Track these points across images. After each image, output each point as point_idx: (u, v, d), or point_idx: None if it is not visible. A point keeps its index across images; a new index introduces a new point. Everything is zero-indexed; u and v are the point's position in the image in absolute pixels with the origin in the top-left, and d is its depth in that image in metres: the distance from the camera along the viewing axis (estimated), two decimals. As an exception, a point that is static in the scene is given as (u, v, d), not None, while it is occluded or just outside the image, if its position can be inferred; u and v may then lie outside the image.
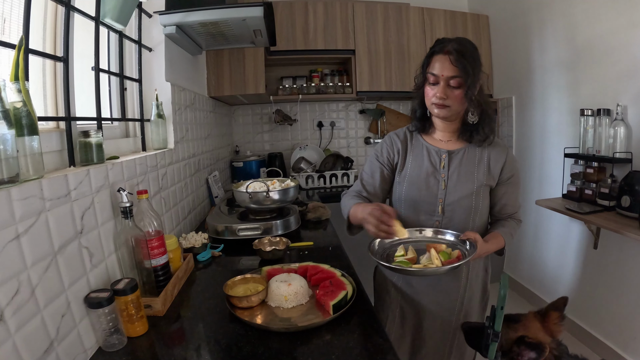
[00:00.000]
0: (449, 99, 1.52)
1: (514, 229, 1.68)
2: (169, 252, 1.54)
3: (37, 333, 0.94)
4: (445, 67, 1.50)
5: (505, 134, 4.10)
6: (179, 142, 2.23)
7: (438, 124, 1.68)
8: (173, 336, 1.27)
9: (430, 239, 1.59)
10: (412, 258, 1.46)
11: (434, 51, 1.56)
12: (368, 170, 1.77)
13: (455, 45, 1.50)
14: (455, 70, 1.49)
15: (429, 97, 1.57)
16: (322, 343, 1.17)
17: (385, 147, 1.76)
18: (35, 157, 1.02)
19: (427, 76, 1.56)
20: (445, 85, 1.51)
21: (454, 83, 1.50)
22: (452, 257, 1.43)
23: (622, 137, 2.63)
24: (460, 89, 1.51)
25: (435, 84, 1.54)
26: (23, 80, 1.00)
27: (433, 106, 1.57)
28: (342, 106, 4.49)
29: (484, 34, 4.18)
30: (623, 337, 2.77)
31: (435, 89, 1.54)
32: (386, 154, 1.74)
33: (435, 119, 1.68)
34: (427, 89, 1.58)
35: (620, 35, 2.64)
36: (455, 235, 1.54)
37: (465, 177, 1.62)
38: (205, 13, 2.01)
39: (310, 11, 3.73)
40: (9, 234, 0.87)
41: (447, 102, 1.53)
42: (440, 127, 1.68)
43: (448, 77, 1.50)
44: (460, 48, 1.49)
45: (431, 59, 1.56)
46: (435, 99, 1.54)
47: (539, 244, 3.68)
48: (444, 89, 1.51)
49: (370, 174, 1.75)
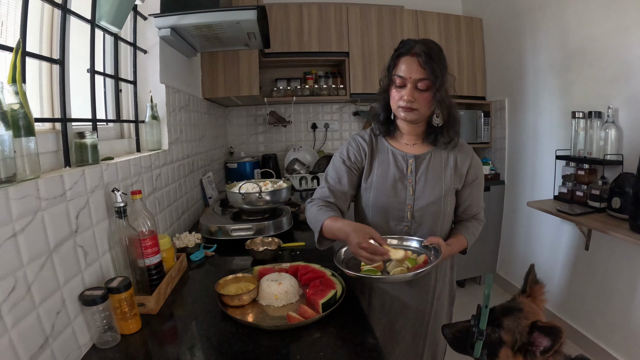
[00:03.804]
0: (417, 102, 1.49)
1: (476, 229, 1.71)
2: (162, 251, 1.56)
3: (32, 329, 0.96)
4: (413, 70, 1.46)
5: (498, 136, 4.13)
6: (173, 143, 2.25)
7: (403, 127, 1.65)
8: (166, 334, 1.29)
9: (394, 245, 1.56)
10: (378, 266, 1.45)
11: (400, 53, 1.51)
12: (334, 174, 1.67)
13: (422, 47, 1.46)
14: (423, 72, 1.45)
15: (395, 100, 1.53)
16: (312, 341, 1.19)
17: (352, 151, 1.68)
18: (32, 157, 1.04)
19: (394, 78, 1.51)
20: (413, 88, 1.47)
21: (422, 86, 1.47)
22: (419, 263, 1.44)
23: (613, 139, 2.67)
24: (428, 91, 1.48)
25: (402, 86, 1.50)
26: (20, 83, 1.02)
27: (400, 109, 1.53)
28: (336, 108, 4.52)
29: (478, 36, 4.21)
30: (614, 338, 2.79)
31: (401, 92, 1.50)
32: (353, 157, 1.67)
33: (400, 122, 1.64)
34: (392, 92, 1.54)
35: (612, 38, 2.69)
36: (419, 241, 1.55)
37: (433, 181, 1.61)
38: (199, 16, 2.03)
39: (305, 14, 3.76)
40: (6, 232, 0.89)
41: (414, 105, 1.49)
42: (405, 131, 1.65)
43: (416, 80, 1.46)
44: (428, 50, 1.45)
45: (397, 60, 1.52)
46: (402, 102, 1.50)
47: (530, 245, 3.72)
48: (411, 91, 1.47)
49: (337, 179, 1.66)
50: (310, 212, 1.59)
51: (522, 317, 1.23)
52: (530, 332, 1.19)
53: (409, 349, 1.75)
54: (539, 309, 1.31)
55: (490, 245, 4.15)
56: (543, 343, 1.16)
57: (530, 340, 1.19)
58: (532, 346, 1.18)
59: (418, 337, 1.74)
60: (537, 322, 1.19)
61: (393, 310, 1.71)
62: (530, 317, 1.23)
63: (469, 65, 4.19)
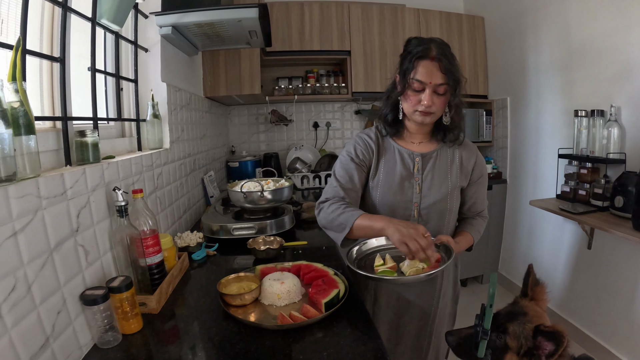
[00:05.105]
0: (434, 105, 1.48)
1: (481, 226, 1.72)
2: (164, 250, 1.55)
3: (33, 329, 0.96)
4: (433, 75, 1.44)
5: (500, 135, 4.12)
6: (174, 142, 2.24)
7: (412, 127, 1.64)
8: (167, 333, 1.28)
9: None
10: (392, 267, 1.45)
11: (419, 56, 1.46)
12: (343, 173, 1.64)
13: (439, 50, 1.45)
14: (444, 77, 1.44)
15: (412, 103, 1.51)
16: (314, 340, 1.19)
17: (360, 149, 1.66)
18: (32, 156, 1.03)
19: (411, 82, 1.48)
20: (432, 93, 1.46)
21: (441, 90, 1.47)
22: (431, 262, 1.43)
23: (616, 137, 2.65)
24: (446, 95, 1.49)
25: (420, 90, 1.48)
26: (20, 81, 1.01)
27: (417, 113, 1.52)
28: (338, 107, 4.50)
29: (479, 35, 4.20)
30: (617, 337, 2.78)
31: (419, 96, 1.48)
32: (361, 155, 1.65)
33: (408, 123, 1.64)
34: (409, 95, 1.51)
35: (614, 37, 2.67)
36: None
37: (440, 179, 1.62)
38: (200, 14, 2.02)
39: (306, 12, 3.75)
40: (6, 231, 0.88)
41: (432, 109, 1.49)
42: (413, 130, 1.65)
43: (436, 85, 1.45)
44: (445, 53, 1.45)
45: (415, 63, 1.47)
46: (421, 107, 1.49)
47: (532, 244, 3.70)
48: (430, 96, 1.46)
49: (349, 178, 1.62)
50: (330, 211, 1.54)
51: (527, 321, 1.21)
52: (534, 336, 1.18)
53: (414, 345, 1.75)
54: (542, 310, 1.30)
55: (492, 244, 4.13)
56: (548, 347, 1.15)
57: (536, 344, 1.17)
58: (538, 350, 1.17)
59: (423, 333, 1.74)
60: (540, 327, 1.17)
61: (398, 307, 1.71)
62: (534, 321, 1.21)
63: (470, 63, 4.18)
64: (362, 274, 1.38)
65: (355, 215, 1.46)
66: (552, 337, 1.13)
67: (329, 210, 1.55)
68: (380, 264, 1.48)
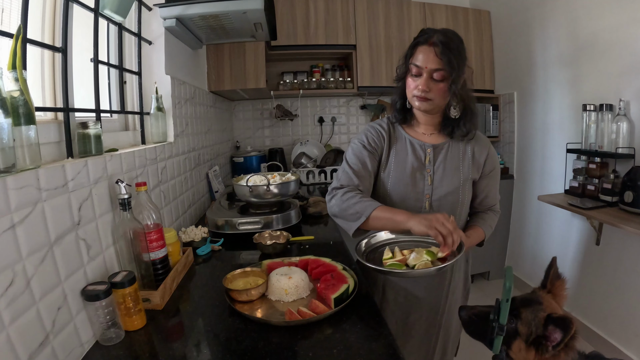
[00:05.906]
0: (432, 92, 1.48)
1: (493, 220, 1.70)
2: (168, 245, 1.52)
3: (32, 325, 0.93)
4: (429, 59, 1.44)
5: (507, 129, 4.08)
6: (178, 135, 2.21)
7: (419, 116, 1.64)
8: (171, 330, 1.25)
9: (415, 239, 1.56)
10: (402, 260, 1.42)
11: (418, 42, 1.49)
12: (355, 160, 1.61)
13: (440, 36, 1.44)
14: (439, 62, 1.43)
15: (410, 88, 1.52)
16: (323, 337, 1.16)
17: (372, 136, 1.64)
18: (32, 147, 1.00)
19: (410, 67, 1.50)
20: (428, 78, 1.46)
21: (437, 76, 1.46)
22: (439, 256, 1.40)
23: (625, 132, 2.62)
24: (444, 82, 1.47)
25: (417, 75, 1.49)
26: (20, 69, 0.99)
27: (414, 98, 1.52)
28: (343, 101, 4.48)
29: (486, 29, 4.16)
30: (626, 334, 2.75)
31: (417, 81, 1.49)
32: (373, 143, 1.63)
33: (416, 112, 1.63)
34: (409, 80, 1.53)
35: (623, 30, 2.63)
36: None
37: (451, 171, 1.60)
38: (205, 6, 2.00)
39: (311, 6, 3.72)
40: (4, 223, 0.86)
41: (429, 95, 1.48)
42: (422, 120, 1.64)
43: (432, 70, 1.45)
44: (446, 40, 1.43)
45: (415, 49, 1.50)
46: (417, 92, 1.49)
47: (540, 240, 3.67)
48: (426, 81, 1.46)
49: (361, 165, 1.59)
50: (345, 199, 1.50)
51: (541, 309, 1.20)
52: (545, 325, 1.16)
53: (422, 341, 1.73)
54: (559, 305, 1.27)
55: (499, 240, 4.10)
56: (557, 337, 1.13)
57: (545, 334, 1.15)
58: (546, 340, 1.15)
59: (431, 330, 1.73)
60: (552, 314, 1.16)
61: (407, 303, 1.69)
62: (547, 311, 1.19)
63: (477, 58, 4.13)
64: (371, 267, 1.36)
65: (373, 205, 1.44)
66: (561, 324, 1.12)
67: (344, 197, 1.51)
68: (389, 257, 1.45)
